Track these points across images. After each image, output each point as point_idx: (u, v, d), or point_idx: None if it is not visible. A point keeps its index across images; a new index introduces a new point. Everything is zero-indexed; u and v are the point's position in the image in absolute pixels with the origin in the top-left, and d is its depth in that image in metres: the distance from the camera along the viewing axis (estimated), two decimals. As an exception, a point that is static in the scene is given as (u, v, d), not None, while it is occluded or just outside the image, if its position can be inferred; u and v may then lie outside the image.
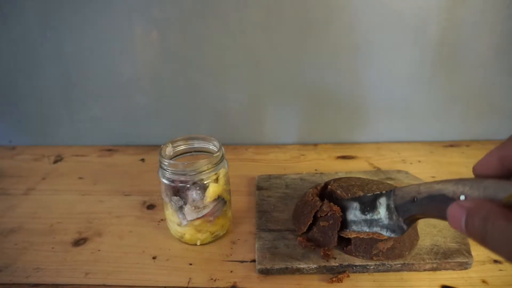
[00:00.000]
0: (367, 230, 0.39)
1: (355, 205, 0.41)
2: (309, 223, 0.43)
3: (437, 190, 0.30)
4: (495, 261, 0.41)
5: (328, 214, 0.41)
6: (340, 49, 0.63)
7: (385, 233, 0.38)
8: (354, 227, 0.41)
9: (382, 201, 0.38)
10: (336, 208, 0.41)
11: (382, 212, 0.38)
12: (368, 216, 0.39)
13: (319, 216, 0.42)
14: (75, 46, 0.65)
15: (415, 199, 0.33)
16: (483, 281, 0.39)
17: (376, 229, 0.39)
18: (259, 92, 0.68)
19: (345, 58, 0.64)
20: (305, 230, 0.43)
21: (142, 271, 0.42)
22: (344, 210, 0.41)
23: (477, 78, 0.65)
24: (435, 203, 0.30)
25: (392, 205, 0.37)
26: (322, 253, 0.41)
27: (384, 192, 0.38)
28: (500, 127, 0.68)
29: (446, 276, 0.40)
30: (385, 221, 0.38)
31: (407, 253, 0.41)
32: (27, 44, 0.65)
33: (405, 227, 0.36)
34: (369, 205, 0.40)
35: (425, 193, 0.32)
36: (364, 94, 0.67)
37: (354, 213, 0.41)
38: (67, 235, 0.48)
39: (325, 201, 0.43)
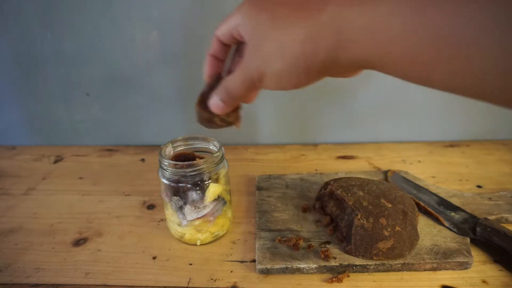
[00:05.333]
0: (436, 211, 0.47)
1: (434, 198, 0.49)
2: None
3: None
4: (495, 261, 0.41)
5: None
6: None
7: (450, 226, 0.45)
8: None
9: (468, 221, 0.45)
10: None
11: (460, 215, 0.46)
12: (444, 210, 0.47)
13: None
14: (75, 46, 0.65)
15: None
16: (483, 281, 0.39)
17: (443, 216, 0.46)
18: (259, 92, 0.67)
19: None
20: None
21: (142, 271, 0.42)
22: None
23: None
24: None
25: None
26: (322, 255, 0.41)
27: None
28: (500, 127, 0.68)
29: (446, 276, 0.40)
30: (459, 220, 0.45)
31: (407, 253, 0.41)
32: (27, 44, 0.65)
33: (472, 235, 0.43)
34: (452, 207, 0.48)
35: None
36: (364, 94, 0.67)
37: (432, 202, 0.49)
38: (67, 235, 0.48)
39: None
